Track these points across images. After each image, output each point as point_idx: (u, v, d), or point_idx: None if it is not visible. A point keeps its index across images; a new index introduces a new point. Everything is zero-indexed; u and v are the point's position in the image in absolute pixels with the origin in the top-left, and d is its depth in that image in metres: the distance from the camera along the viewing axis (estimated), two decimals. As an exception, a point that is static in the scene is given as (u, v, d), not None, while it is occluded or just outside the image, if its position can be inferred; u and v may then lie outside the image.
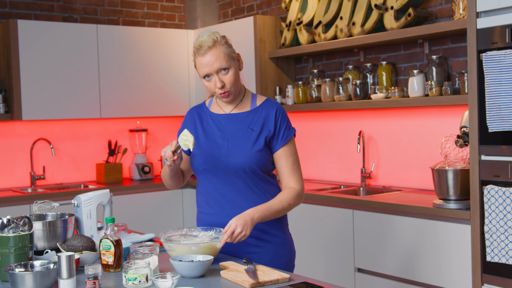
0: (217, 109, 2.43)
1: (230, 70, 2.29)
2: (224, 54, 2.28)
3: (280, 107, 2.40)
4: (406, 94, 3.83)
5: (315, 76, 4.53)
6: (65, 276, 1.76)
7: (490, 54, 2.84)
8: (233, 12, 5.48)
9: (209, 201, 2.36)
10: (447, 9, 3.76)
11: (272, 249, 2.35)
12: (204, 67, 2.28)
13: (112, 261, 2.07)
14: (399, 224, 3.38)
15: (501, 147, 2.87)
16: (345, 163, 4.45)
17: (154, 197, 4.87)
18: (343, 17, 4.13)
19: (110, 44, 4.91)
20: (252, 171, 2.31)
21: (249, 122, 2.36)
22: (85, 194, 2.46)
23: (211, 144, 2.35)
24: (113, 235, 2.08)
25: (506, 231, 2.81)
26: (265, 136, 2.33)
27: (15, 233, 2.01)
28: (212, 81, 2.29)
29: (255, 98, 2.42)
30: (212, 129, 2.38)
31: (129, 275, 1.87)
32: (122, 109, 4.98)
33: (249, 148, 2.31)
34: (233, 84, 2.30)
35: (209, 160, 2.33)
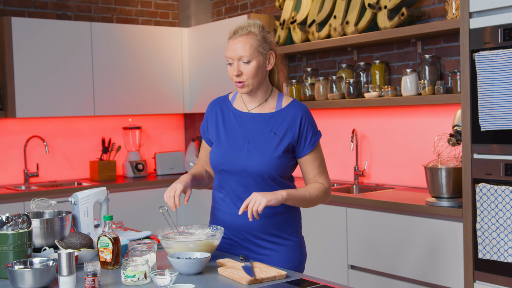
0: (240, 105, 2.39)
1: (252, 62, 2.25)
2: (251, 46, 2.25)
3: (306, 111, 2.34)
4: (399, 93, 3.87)
5: (309, 75, 4.56)
6: (65, 273, 1.78)
7: (482, 54, 2.88)
8: (227, 10, 5.50)
9: (225, 200, 2.34)
10: (439, 9, 3.80)
11: (285, 252, 2.33)
12: (229, 51, 2.28)
13: (110, 258, 2.08)
14: (392, 222, 3.42)
15: (493, 146, 2.91)
16: (338, 161, 4.48)
17: (148, 195, 4.89)
18: (336, 16, 4.15)
19: (104, 42, 4.91)
20: (271, 178, 2.28)
21: (273, 124, 2.30)
22: (82, 191, 2.48)
23: (232, 143, 2.31)
24: (111, 233, 2.10)
25: (498, 229, 2.85)
26: (288, 142, 2.29)
27: (14, 230, 2.02)
28: (232, 67, 2.29)
29: (281, 99, 2.36)
30: (233, 127, 2.34)
31: (128, 272, 1.89)
32: (116, 106, 4.99)
33: (270, 154, 2.26)
34: (251, 77, 2.26)
35: (228, 161, 2.29)
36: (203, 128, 2.46)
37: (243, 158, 2.28)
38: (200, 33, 5.21)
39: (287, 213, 2.34)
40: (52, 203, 2.43)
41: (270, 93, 2.37)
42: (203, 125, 2.46)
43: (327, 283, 1.87)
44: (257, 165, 2.26)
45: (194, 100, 5.30)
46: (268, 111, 2.34)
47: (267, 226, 2.30)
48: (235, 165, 2.29)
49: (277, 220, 2.32)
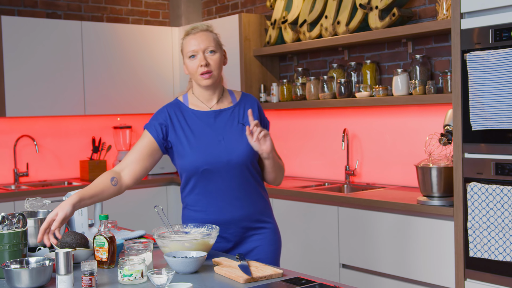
0: (199, 105, 2.41)
1: (216, 53, 2.34)
2: (214, 39, 2.37)
3: (257, 101, 2.52)
4: (390, 93, 3.89)
5: (300, 74, 4.57)
6: (62, 273, 1.78)
7: (473, 54, 2.91)
8: (217, 10, 5.50)
9: (208, 200, 2.36)
10: (430, 9, 3.83)
11: (270, 233, 2.47)
12: (193, 45, 2.32)
13: (106, 257, 2.08)
14: (384, 221, 3.44)
15: (484, 145, 2.94)
16: (329, 160, 4.50)
17: (138, 194, 4.88)
18: (328, 16, 4.17)
19: (94, 41, 4.90)
20: (252, 165, 2.39)
21: (237, 117, 2.41)
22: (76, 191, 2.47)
23: (206, 143, 2.34)
24: (107, 232, 2.10)
25: (489, 227, 2.88)
26: None
27: (9, 230, 2.02)
28: (196, 59, 2.32)
29: (232, 93, 2.49)
30: (201, 127, 2.37)
31: (125, 271, 1.89)
32: (107, 106, 4.97)
33: (246, 143, 2.36)
34: (217, 67, 2.34)
35: (211, 160, 2.32)
36: (156, 129, 2.35)
37: (224, 153, 2.34)
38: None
39: (265, 199, 2.48)
40: (46, 202, 2.43)
41: (223, 91, 2.46)
42: (156, 126, 2.36)
43: (323, 281, 1.88)
44: (240, 156, 2.35)
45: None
46: (227, 106, 2.42)
47: (253, 213, 2.41)
48: (218, 162, 2.33)
49: (260, 206, 2.44)
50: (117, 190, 2.29)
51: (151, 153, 2.35)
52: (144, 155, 2.34)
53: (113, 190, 2.27)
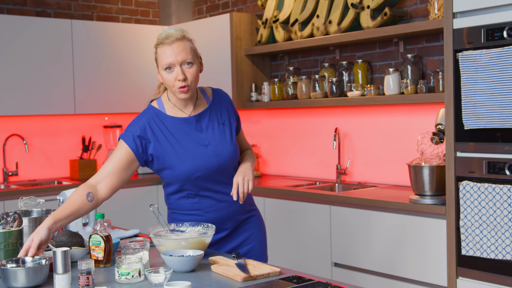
0: (176, 112, 2.35)
1: (194, 65, 2.26)
2: (191, 49, 2.27)
3: (228, 95, 2.51)
4: (381, 92, 3.91)
5: (291, 74, 4.58)
6: (60, 271, 1.77)
7: (466, 54, 2.93)
8: (208, 9, 5.49)
9: (203, 202, 2.36)
10: (422, 9, 3.85)
11: (257, 219, 2.55)
12: (169, 57, 2.22)
13: (102, 256, 2.08)
14: (376, 220, 3.46)
15: (476, 144, 2.96)
16: (321, 159, 4.51)
17: (128, 194, 4.86)
18: (319, 16, 4.18)
19: (85, 39, 4.87)
20: (238, 162, 2.45)
21: (215, 117, 2.39)
22: (71, 189, 2.46)
23: (194, 150, 2.31)
24: (103, 231, 2.09)
25: (481, 226, 2.90)
26: (235, 126, 2.45)
27: (5, 229, 2.00)
28: (173, 73, 2.23)
29: (205, 92, 2.44)
30: (185, 135, 2.32)
31: (122, 270, 1.89)
32: (97, 105, 4.95)
33: (230, 142, 2.38)
34: (194, 80, 2.26)
35: (202, 166, 2.31)
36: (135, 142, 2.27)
37: (213, 158, 2.33)
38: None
39: None
40: (40, 201, 2.41)
41: (197, 93, 2.41)
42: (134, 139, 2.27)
43: (321, 279, 1.89)
44: (229, 158, 2.37)
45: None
46: (204, 108, 2.39)
47: (242, 205, 2.45)
48: (210, 167, 2.32)
49: (248, 197, 2.51)
50: (93, 205, 2.19)
51: (129, 165, 2.26)
52: (121, 167, 2.25)
53: (90, 206, 2.17)
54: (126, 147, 2.27)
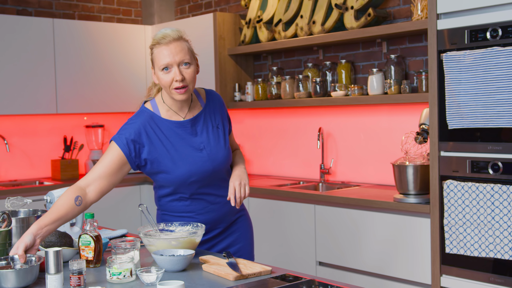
0: (171, 115, 2.32)
1: (191, 66, 2.22)
2: (188, 49, 2.24)
3: (220, 97, 2.49)
4: (365, 92, 3.94)
5: (274, 74, 4.59)
6: (52, 272, 1.76)
7: (450, 55, 2.97)
8: (191, 9, 5.49)
9: (195, 204, 2.36)
10: (405, 10, 3.89)
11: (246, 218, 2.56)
12: (166, 57, 2.18)
13: (92, 256, 2.07)
14: (361, 218, 3.48)
15: (459, 144, 3.00)
16: (304, 159, 4.54)
17: (111, 193, 4.75)
18: (303, 16, 4.20)
19: (67, 38, 4.84)
20: (230, 166, 2.46)
21: (209, 120, 2.37)
22: (58, 190, 2.45)
23: (189, 154, 2.30)
24: (93, 231, 2.08)
25: (465, 224, 2.94)
26: (227, 128, 2.45)
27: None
28: (171, 73, 2.19)
29: (199, 94, 2.41)
30: (180, 139, 2.30)
31: (114, 270, 1.88)
32: (79, 104, 4.91)
33: (223, 145, 2.38)
34: (192, 81, 2.23)
35: (197, 171, 2.29)
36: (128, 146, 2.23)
37: (208, 162, 2.32)
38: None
39: None
40: (27, 201, 2.39)
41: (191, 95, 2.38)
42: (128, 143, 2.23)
43: (313, 278, 1.90)
44: (223, 162, 2.37)
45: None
46: (199, 110, 2.37)
47: (234, 208, 2.45)
48: (205, 171, 2.32)
49: None
50: (82, 209, 2.14)
51: (120, 168, 2.22)
52: (112, 171, 2.20)
53: (78, 210, 2.12)
54: (119, 150, 2.22)
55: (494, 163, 2.88)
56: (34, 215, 2.36)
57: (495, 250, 2.83)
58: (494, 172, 2.88)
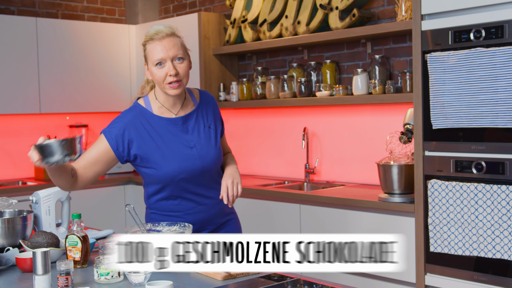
0: (163, 112, 2.32)
1: (185, 61, 2.25)
2: (181, 45, 2.26)
3: (214, 98, 2.50)
4: (350, 92, 3.96)
5: (259, 74, 4.60)
6: (40, 272, 1.75)
7: (434, 55, 3.00)
8: (175, 8, 5.48)
9: (184, 204, 2.36)
10: (389, 11, 3.91)
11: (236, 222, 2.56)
12: (160, 52, 2.20)
13: (79, 257, 2.06)
14: (346, 218, 3.50)
15: (444, 143, 3.03)
16: (289, 159, 4.55)
17: (95, 193, 4.81)
18: (288, 16, 4.21)
19: (50, 38, 4.80)
20: (221, 167, 2.45)
21: (201, 119, 2.38)
22: (44, 190, 2.43)
23: (179, 151, 2.30)
24: (80, 231, 2.07)
25: (449, 223, 2.97)
26: (220, 129, 2.45)
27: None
28: (165, 68, 2.20)
29: (192, 93, 2.42)
30: (171, 136, 2.31)
31: (102, 270, 1.88)
32: (63, 104, 4.88)
33: (214, 146, 2.38)
34: (185, 75, 2.25)
35: (186, 168, 2.30)
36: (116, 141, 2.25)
37: (198, 160, 2.32)
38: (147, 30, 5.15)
39: None
40: (12, 202, 2.38)
41: (185, 93, 2.39)
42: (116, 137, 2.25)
43: (300, 277, 1.91)
44: (213, 161, 2.36)
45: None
46: (191, 109, 2.38)
47: (222, 209, 2.44)
48: (194, 169, 2.32)
49: None
50: (72, 183, 2.17)
51: (106, 161, 2.25)
52: (97, 161, 2.23)
53: (70, 180, 2.15)
54: (106, 143, 2.25)
55: (477, 162, 2.91)
56: (20, 215, 2.35)
57: (479, 249, 2.87)
58: (477, 172, 2.91)
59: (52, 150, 1.91)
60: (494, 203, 2.81)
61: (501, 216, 2.79)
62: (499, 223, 2.79)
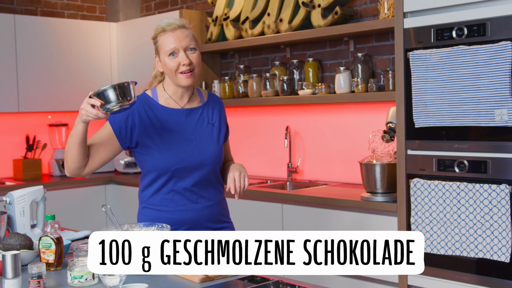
0: (168, 103, 2.34)
1: (197, 51, 2.29)
2: (193, 36, 2.31)
3: (222, 102, 2.50)
4: (332, 91, 3.93)
5: (242, 72, 4.56)
6: (10, 276, 1.69)
7: (417, 53, 2.97)
8: (156, 6, 5.41)
9: (175, 199, 2.32)
10: (371, 8, 3.89)
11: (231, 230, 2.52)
12: (173, 42, 2.24)
13: (53, 259, 2.00)
14: (329, 217, 3.47)
15: (426, 142, 3.01)
16: (272, 158, 4.51)
17: (75, 194, 4.74)
18: (270, 14, 4.17)
19: (29, 35, 4.72)
20: (219, 166, 2.40)
21: (206, 116, 2.39)
22: (18, 190, 2.37)
23: (178, 141, 2.30)
24: (54, 233, 2.02)
25: (431, 222, 2.95)
26: (224, 131, 2.44)
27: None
28: (178, 58, 2.24)
29: (200, 92, 2.45)
30: (172, 125, 2.31)
31: (75, 273, 1.82)
32: (42, 102, 4.80)
33: (216, 144, 2.37)
34: (198, 65, 2.29)
35: (183, 159, 2.29)
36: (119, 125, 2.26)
37: (196, 153, 2.31)
38: (129, 28, 5.10)
39: (225, 199, 2.48)
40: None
41: (193, 89, 2.41)
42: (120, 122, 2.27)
43: (280, 279, 1.87)
44: (212, 156, 2.34)
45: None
46: (197, 105, 2.39)
47: (215, 214, 2.40)
48: (191, 162, 2.30)
49: (221, 206, 2.44)
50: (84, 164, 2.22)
51: (110, 146, 2.28)
52: (101, 145, 2.27)
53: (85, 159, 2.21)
54: (110, 128, 2.27)
55: (460, 161, 2.89)
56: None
57: (461, 248, 2.85)
58: (460, 171, 2.89)
59: (109, 95, 1.96)
60: (477, 202, 2.79)
61: (484, 215, 2.77)
62: (482, 222, 2.77)
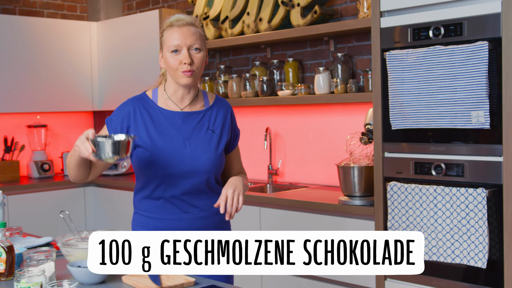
0: (168, 105, 2.23)
1: (201, 52, 2.18)
2: (200, 35, 2.19)
3: (231, 106, 2.37)
4: (312, 91, 3.86)
5: (222, 72, 4.48)
6: None
7: (393, 53, 2.89)
8: (138, 5, 5.33)
9: (165, 207, 2.22)
10: (351, 8, 3.81)
11: None
12: (177, 39, 2.13)
13: (3, 268, 1.92)
14: (306, 221, 3.40)
15: (403, 145, 2.93)
16: (252, 160, 4.43)
17: (54, 196, 4.66)
18: (250, 13, 4.09)
19: (7, 34, 4.63)
20: (215, 176, 2.26)
21: (207, 122, 2.25)
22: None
23: (171, 145, 2.19)
24: (4, 241, 1.93)
25: (408, 226, 2.87)
26: (226, 140, 2.29)
27: None
28: (180, 56, 2.13)
29: (206, 95, 2.32)
30: (167, 128, 2.20)
31: (22, 284, 1.74)
32: (20, 103, 4.71)
33: (213, 151, 2.23)
34: (199, 66, 2.17)
35: (174, 164, 2.17)
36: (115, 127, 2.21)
37: (188, 159, 2.19)
38: (110, 27, 5.01)
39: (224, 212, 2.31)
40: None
41: (197, 91, 2.29)
42: (115, 124, 2.21)
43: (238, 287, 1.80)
44: (205, 164, 2.21)
45: (103, 97, 5.10)
46: (199, 109, 2.27)
47: (211, 226, 2.26)
48: (182, 169, 2.18)
49: (217, 219, 2.28)
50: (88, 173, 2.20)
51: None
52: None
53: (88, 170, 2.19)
54: (107, 132, 2.23)
55: (437, 164, 2.82)
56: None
57: (438, 253, 2.77)
58: (437, 174, 2.82)
59: (105, 148, 1.94)
60: (453, 207, 2.72)
61: (460, 220, 2.69)
62: (458, 227, 2.70)
